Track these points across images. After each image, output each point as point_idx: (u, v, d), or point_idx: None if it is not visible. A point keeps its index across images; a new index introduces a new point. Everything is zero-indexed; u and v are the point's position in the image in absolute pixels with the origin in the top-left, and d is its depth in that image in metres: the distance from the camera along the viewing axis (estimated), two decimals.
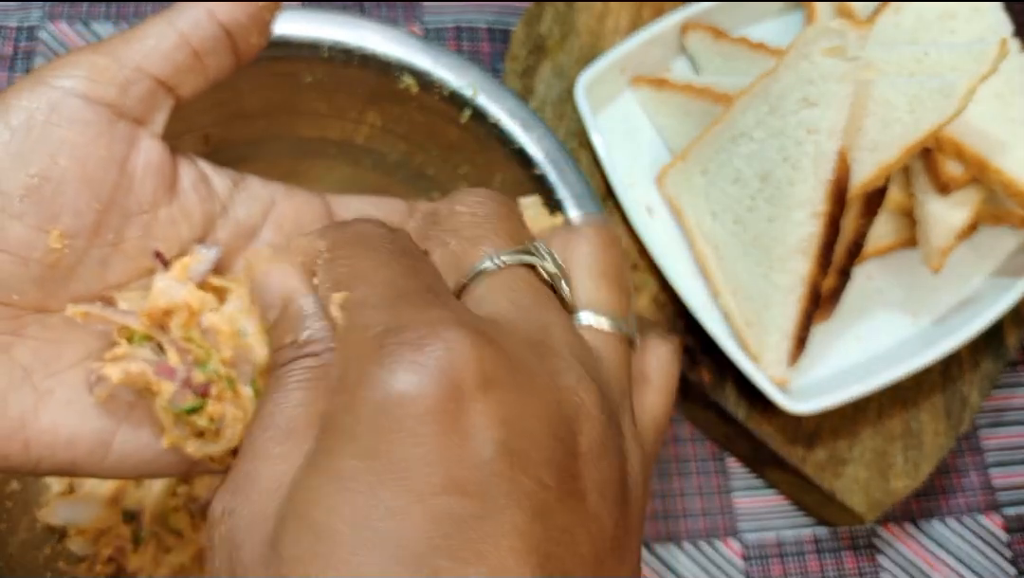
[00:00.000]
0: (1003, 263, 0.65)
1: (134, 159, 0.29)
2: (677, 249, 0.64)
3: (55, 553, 0.51)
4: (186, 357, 0.29)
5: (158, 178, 0.30)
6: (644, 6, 0.73)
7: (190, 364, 0.29)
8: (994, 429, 0.69)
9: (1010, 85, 0.60)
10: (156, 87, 0.30)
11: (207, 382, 0.29)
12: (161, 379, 0.29)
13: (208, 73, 0.31)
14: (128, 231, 0.29)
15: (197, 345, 0.30)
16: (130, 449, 0.29)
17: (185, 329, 0.30)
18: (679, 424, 0.66)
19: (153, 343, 0.30)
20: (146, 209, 0.30)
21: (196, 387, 0.29)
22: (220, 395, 0.29)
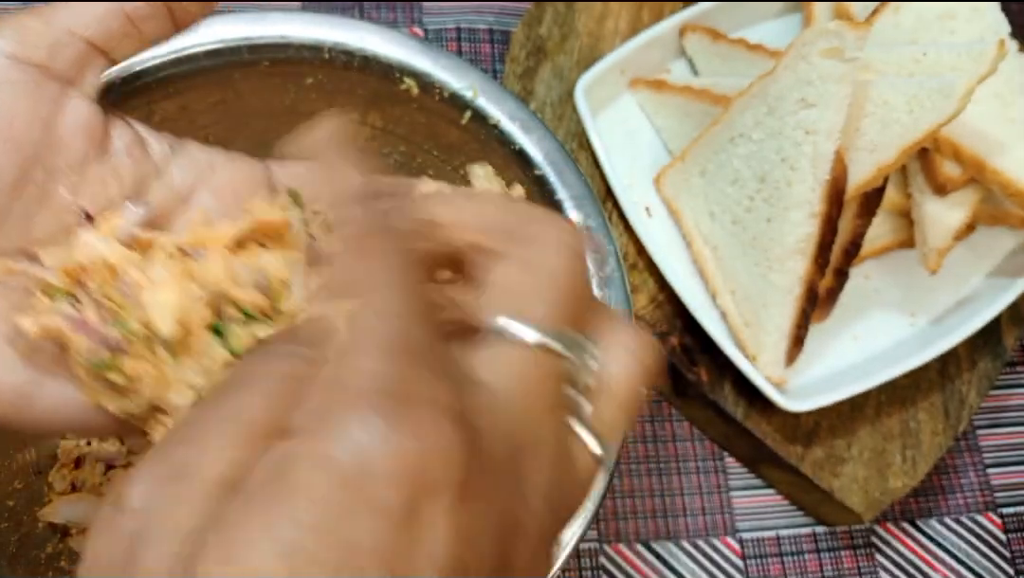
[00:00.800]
0: (1001, 263, 0.66)
1: (61, 118, 0.30)
2: (676, 249, 0.64)
3: (57, 552, 0.51)
4: (103, 314, 0.30)
5: (87, 137, 0.30)
6: (643, 8, 0.73)
7: (106, 320, 0.29)
8: (992, 429, 0.70)
9: (1009, 85, 0.60)
10: (88, 50, 0.30)
11: (123, 339, 0.29)
12: (76, 334, 0.29)
13: (144, 39, 0.32)
14: (55, 188, 0.30)
15: (115, 303, 0.30)
16: (55, 403, 0.30)
17: (104, 286, 0.30)
18: (678, 423, 0.66)
19: (74, 298, 0.30)
20: (74, 167, 0.30)
21: (111, 343, 0.29)
22: (136, 352, 0.29)
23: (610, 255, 0.49)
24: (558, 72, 0.69)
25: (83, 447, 0.54)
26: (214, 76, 0.51)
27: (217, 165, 0.34)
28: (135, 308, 0.30)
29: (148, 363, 0.29)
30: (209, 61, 0.50)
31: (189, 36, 0.50)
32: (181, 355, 0.30)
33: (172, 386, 0.29)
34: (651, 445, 0.65)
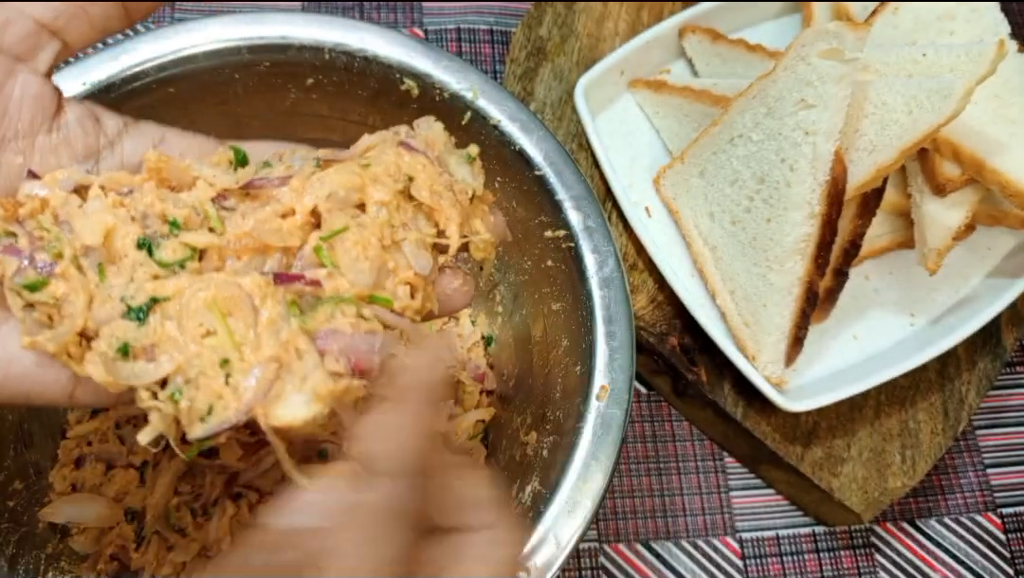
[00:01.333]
0: (1000, 264, 0.66)
1: (9, 89, 0.31)
2: (675, 249, 0.64)
3: (57, 552, 0.51)
4: (35, 242, 0.31)
5: (36, 108, 0.32)
6: (643, 9, 0.74)
7: (37, 247, 0.30)
8: (992, 429, 0.70)
9: (1008, 86, 0.60)
10: (38, 28, 0.32)
11: (52, 261, 0.30)
12: (7, 256, 0.30)
13: (94, 23, 0.33)
14: (4, 155, 0.32)
15: (48, 231, 0.31)
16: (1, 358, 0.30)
17: (40, 220, 0.31)
18: (678, 423, 0.66)
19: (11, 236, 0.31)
20: (23, 135, 0.32)
21: (40, 266, 0.30)
22: (65, 273, 0.30)
23: (610, 255, 0.49)
24: (558, 73, 0.69)
25: (84, 447, 0.54)
26: (214, 77, 0.51)
27: (169, 138, 0.36)
28: (66, 235, 0.31)
29: (77, 284, 0.30)
30: (209, 62, 0.51)
31: (189, 37, 0.51)
32: (110, 273, 0.31)
33: (99, 301, 0.30)
34: (651, 445, 0.65)
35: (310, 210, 0.31)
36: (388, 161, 0.33)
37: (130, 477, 0.54)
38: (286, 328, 0.29)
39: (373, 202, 0.32)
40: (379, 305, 0.31)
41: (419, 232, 0.32)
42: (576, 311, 0.50)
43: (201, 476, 0.55)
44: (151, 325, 0.30)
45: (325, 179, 0.32)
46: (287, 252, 0.31)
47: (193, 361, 0.29)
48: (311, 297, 0.30)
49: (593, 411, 0.45)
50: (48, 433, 0.54)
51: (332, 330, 0.29)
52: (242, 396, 0.28)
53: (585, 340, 0.48)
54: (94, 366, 0.29)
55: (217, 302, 0.29)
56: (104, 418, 0.55)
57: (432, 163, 0.33)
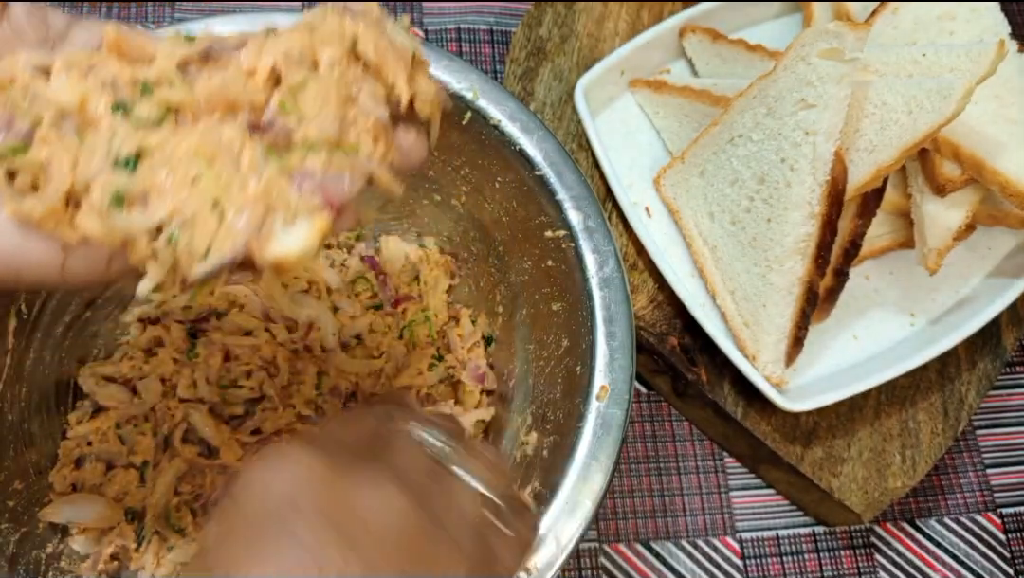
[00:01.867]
0: (1000, 264, 0.66)
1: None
2: (675, 249, 0.64)
3: (57, 552, 0.51)
4: (9, 112, 0.30)
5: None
6: (643, 9, 0.74)
7: (12, 113, 0.30)
8: (992, 429, 0.70)
9: (1008, 86, 0.60)
10: None
11: (30, 128, 0.30)
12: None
13: None
14: None
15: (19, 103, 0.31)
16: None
17: (6, 91, 0.31)
18: (678, 423, 0.66)
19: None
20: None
21: (18, 132, 0.30)
22: (45, 139, 0.30)
23: (610, 255, 0.49)
24: (558, 73, 0.69)
25: (84, 447, 0.54)
26: None
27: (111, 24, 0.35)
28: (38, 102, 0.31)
29: (58, 146, 0.30)
30: None
31: None
32: (88, 135, 0.31)
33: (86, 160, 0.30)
34: (651, 445, 0.65)
35: (270, 68, 0.32)
36: (332, 22, 0.34)
37: (130, 477, 0.54)
38: (266, 170, 0.31)
39: (324, 60, 0.33)
40: (348, 152, 0.33)
41: (371, 87, 0.34)
42: (576, 311, 0.50)
43: (201, 476, 0.55)
44: (141, 174, 0.30)
45: (279, 40, 0.33)
46: (254, 109, 0.32)
47: (186, 204, 0.30)
48: (282, 146, 0.32)
49: (593, 411, 0.45)
50: (48, 433, 0.54)
51: (305, 171, 0.31)
52: (236, 233, 0.29)
53: (585, 340, 0.48)
54: (88, 219, 0.30)
55: (200, 150, 0.30)
56: (104, 418, 0.55)
57: (373, 25, 0.35)
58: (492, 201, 0.56)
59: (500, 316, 0.60)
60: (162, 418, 0.55)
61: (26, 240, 0.30)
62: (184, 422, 0.55)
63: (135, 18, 0.74)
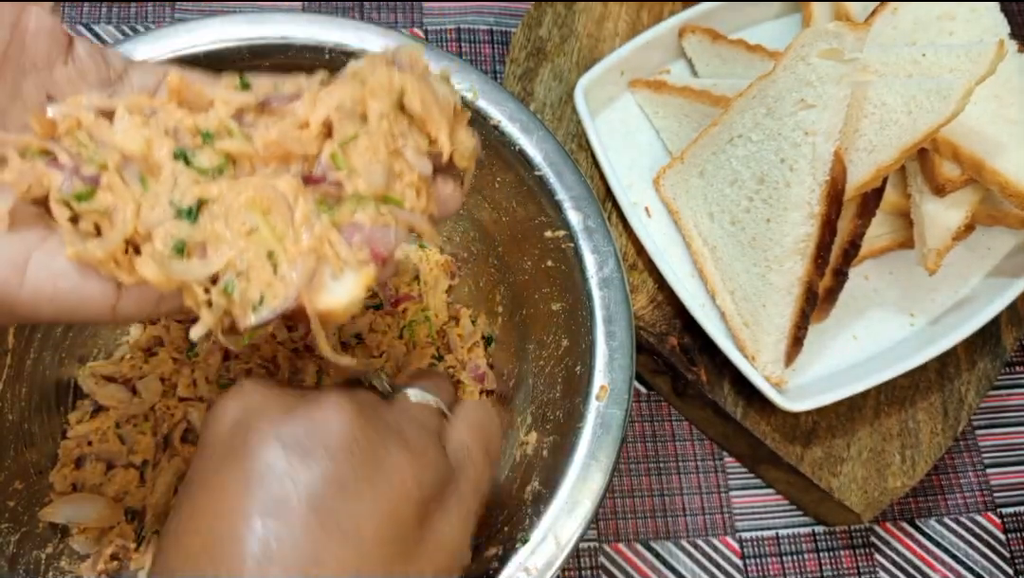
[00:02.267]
0: (1000, 263, 0.66)
1: (25, 21, 0.32)
2: (675, 249, 0.64)
3: (57, 552, 0.51)
4: (76, 158, 0.32)
5: (51, 40, 0.33)
6: (643, 9, 0.74)
7: (79, 160, 0.32)
8: (991, 429, 0.70)
9: (1008, 86, 0.60)
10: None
11: (97, 173, 0.31)
12: (51, 170, 0.31)
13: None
14: (25, 85, 0.32)
15: (85, 147, 0.32)
16: (44, 276, 0.31)
17: (73, 135, 0.32)
18: (678, 423, 0.67)
19: (47, 157, 0.32)
20: (41, 67, 0.33)
21: (85, 177, 0.31)
22: (110, 184, 0.31)
23: (609, 255, 0.50)
24: (558, 73, 0.69)
25: (84, 447, 0.54)
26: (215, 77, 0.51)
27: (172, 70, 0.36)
28: (104, 148, 0.32)
29: (124, 192, 0.31)
30: (209, 62, 0.51)
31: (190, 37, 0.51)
32: (152, 184, 0.32)
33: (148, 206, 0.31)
34: (650, 445, 0.66)
35: (323, 121, 0.34)
36: (381, 77, 0.35)
37: (130, 477, 0.54)
38: (318, 223, 0.32)
39: (373, 113, 0.34)
40: (392, 205, 0.34)
41: (416, 140, 0.35)
42: (576, 311, 0.50)
43: None
44: (201, 224, 0.31)
45: (333, 92, 0.34)
46: (307, 160, 0.34)
47: (243, 255, 0.31)
48: (333, 198, 0.33)
49: (593, 411, 0.45)
50: (48, 433, 0.54)
51: (354, 224, 0.32)
52: (289, 284, 0.31)
53: (585, 340, 0.48)
54: (147, 267, 0.31)
55: (257, 201, 0.32)
56: (104, 418, 0.55)
57: (419, 79, 0.36)
58: (492, 201, 0.56)
59: (500, 316, 0.60)
60: (162, 417, 0.55)
61: (84, 280, 0.31)
62: (184, 421, 0.55)
63: (135, 18, 0.74)
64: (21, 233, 0.31)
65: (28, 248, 0.31)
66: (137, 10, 0.74)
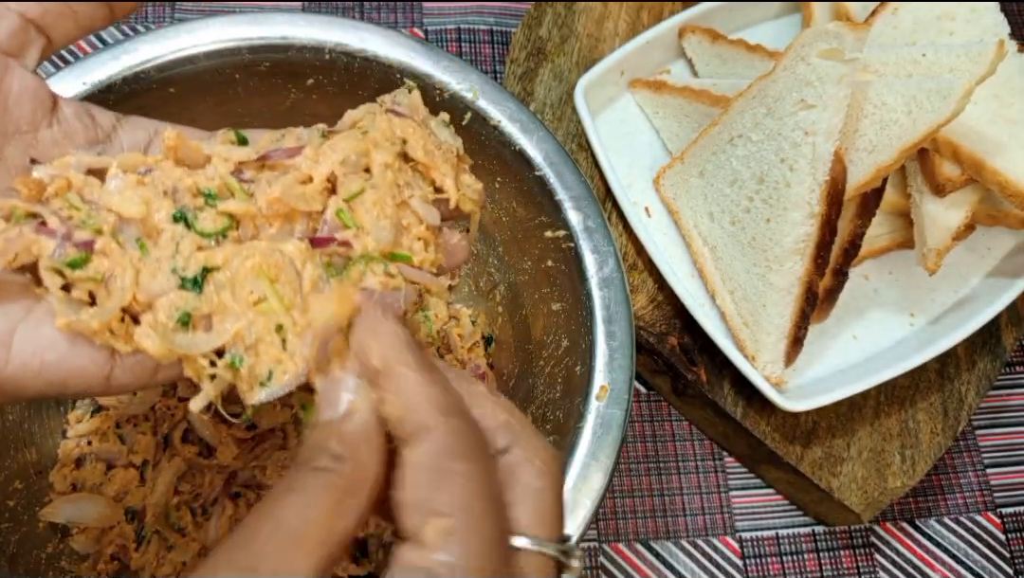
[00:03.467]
0: (1000, 264, 0.66)
1: (8, 84, 0.31)
2: (675, 249, 0.64)
3: (58, 551, 0.51)
4: (67, 222, 0.30)
5: (35, 102, 0.32)
6: (643, 9, 0.74)
7: (70, 225, 0.30)
8: (991, 429, 0.70)
9: (1008, 86, 0.60)
10: (25, 25, 0.31)
11: (91, 238, 0.30)
12: (41, 236, 0.29)
13: (80, 21, 0.33)
14: (9, 149, 0.31)
15: (78, 209, 0.30)
16: (31, 349, 0.29)
17: (64, 196, 0.30)
18: (678, 423, 0.67)
19: (35, 221, 0.30)
20: (25, 129, 0.31)
21: (79, 243, 0.30)
22: (106, 250, 0.30)
23: (609, 255, 0.50)
24: (558, 73, 0.69)
25: (84, 447, 0.55)
26: (215, 77, 0.51)
27: (163, 130, 0.35)
28: (98, 211, 0.30)
29: (121, 258, 0.30)
30: (209, 62, 0.51)
31: (190, 37, 0.51)
32: (151, 248, 0.30)
33: (149, 274, 0.30)
34: (650, 444, 0.66)
35: (327, 176, 0.32)
36: (383, 127, 0.34)
37: (130, 477, 0.54)
38: (327, 289, 0.31)
39: (377, 165, 0.33)
40: (401, 262, 0.33)
41: (421, 189, 0.34)
42: (576, 311, 0.50)
43: (200, 476, 0.55)
44: (207, 294, 0.30)
45: (336, 146, 0.33)
46: (311, 217, 0.32)
47: (250, 328, 0.29)
48: (341, 257, 0.32)
49: (593, 411, 0.45)
50: (48, 433, 0.54)
51: (365, 289, 0.31)
52: (299, 360, 0.29)
53: (585, 340, 0.48)
54: (148, 339, 0.29)
55: (264, 269, 0.30)
56: (104, 418, 0.55)
57: (420, 125, 0.35)
58: (492, 201, 0.56)
59: (500, 316, 0.60)
60: (162, 417, 0.55)
61: (74, 351, 0.30)
62: (184, 421, 0.55)
63: (135, 18, 0.74)
64: (4, 307, 0.29)
65: (12, 322, 0.29)
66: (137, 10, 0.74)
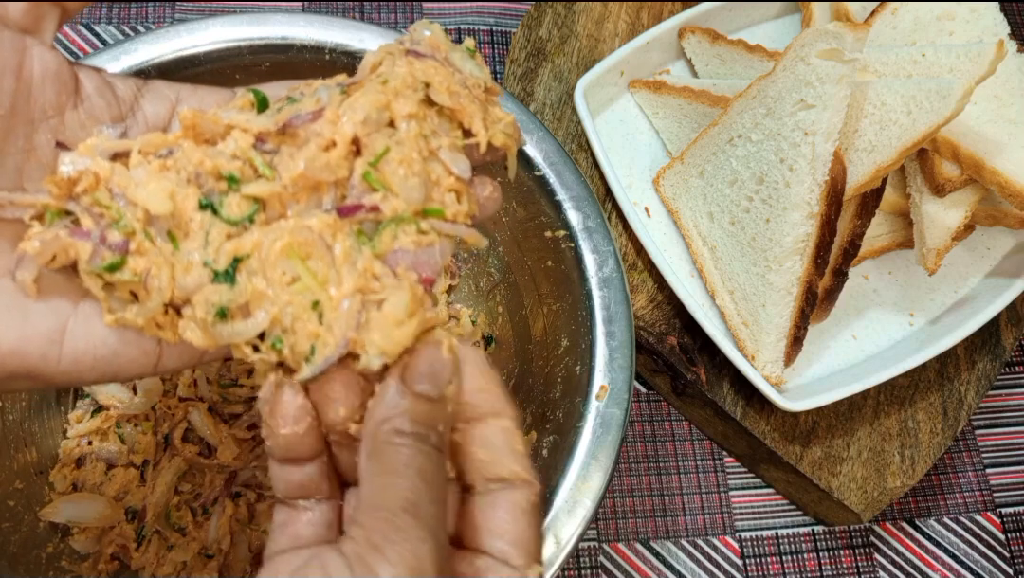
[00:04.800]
0: (999, 264, 0.66)
1: (29, 66, 0.29)
2: (674, 249, 0.64)
3: (58, 551, 0.51)
4: (99, 220, 0.30)
5: (58, 83, 0.30)
6: (643, 9, 0.74)
7: (104, 225, 0.30)
8: (991, 429, 0.70)
9: (1007, 86, 0.60)
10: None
11: (124, 239, 0.29)
12: (78, 240, 0.29)
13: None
14: (37, 137, 0.30)
15: (108, 207, 0.30)
16: (83, 345, 0.30)
17: (93, 194, 0.30)
18: (677, 423, 0.67)
19: (67, 220, 0.30)
20: (51, 114, 0.30)
21: (113, 245, 0.29)
22: (139, 248, 0.30)
23: (609, 255, 0.50)
24: (558, 74, 0.69)
25: (84, 447, 0.55)
26: (215, 77, 0.51)
27: (183, 96, 0.34)
28: (127, 208, 0.30)
29: (156, 256, 0.30)
30: (210, 62, 0.51)
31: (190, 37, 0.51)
32: (182, 240, 0.30)
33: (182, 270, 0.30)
34: (650, 444, 0.66)
35: (351, 139, 0.31)
36: (403, 73, 0.33)
37: (130, 476, 0.54)
38: (360, 258, 0.30)
39: (401, 117, 0.32)
40: (433, 217, 0.32)
41: (449, 137, 0.33)
42: (576, 311, 0.50)
43: (201, 475, 0.55)
44: (241, 284, 0.30)
45: (356, 105, 0.32)
46: (338, 184, 0.31)
47: (287, 310, 0.29)
48: (371, 222, 0.31)
49: (593, 411, 0.45)
50: (48, 433, 0.54)
51: (398, 250, 0.30)
52: (338, 332, 0.29)
53: (585, 340, 0.48)
54: (192, 332, 0.30)
55: (294, 248, 0.30)
56: (104, 418, 0.55)
57: (443, 64, 0.33)
58: None
59: (500, 316, 0.60)
60: (162, 417, 0.55)
61: (124, 344, 0.30)
62: (184, 421, 0.55)
63: (135, 18, 0.74)
64: (52, 303, 0.30)
65: (62, 319, 0.30)
66: (137, 10, 0.74)
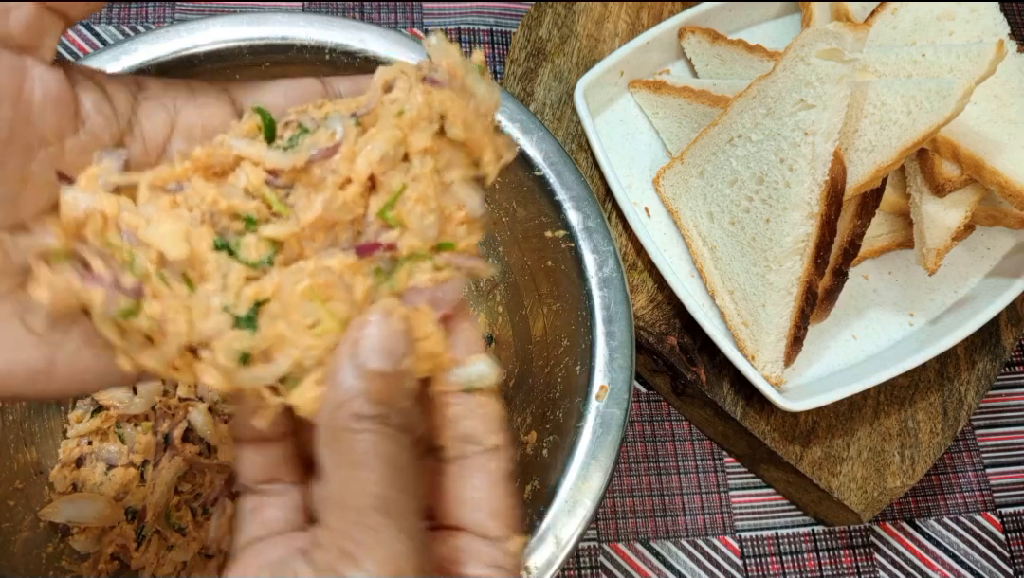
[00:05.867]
0: (999, 264, 0.66)
1: (29, 90, 0.27)
2: (674, 249, 0.64)
3: (58, 551, 0.51)
4: (111, 262, 0.29)
5: (59, 108, 0.28)
6: (643, 9, 0.74)
7: (116, 268, 0.28)
8: (991, 429, 0.70)
9: (1007, 86, 0.60)
10: (40, 11, 0.27)
11: (138, 283, 0.28)
12: (90, 287, 0.28)
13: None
14: (34, 166, 0.28)
15: (119, 249, 0.29)
16: (74, 371, 0.29)
17: (102, 235, 0.29)
18: (677, 423, 0.67)
19: (75, 260, 0.29)
20: (50, 141, 0.28)
21: (128, 290, 0.28)
22: (155, 291, 0.28)
23: (609, 255, 0.50)
24: (558, 74, 0.69)
25: (84, 447, 0.55)
26: (215, 78, 0.51)
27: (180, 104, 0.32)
28: (139, 249, 0.29)
29: (172, 301, 0.28)
30: (210, 62, 0.51)
31: (190, 37, 0.51)
32: (198, 283, 0.29)
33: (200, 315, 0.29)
34: (650, 444, 0.66)
35: (367, 177, 0.31)
36: (419, 104, 0.32)
37: (130, 476, 0.54)
38: (379, 298, 0.30)
39: (416, 152, 0.31)
40: (445, 251, 0.32)
41: (461, 168, 0.33)
42: (576, 311, 0.50)
43: (201, 475, 0.55)
44: (262, 330, 0.29)
45: (373, 140, 0.31)
46: (354, 221, 0.31)
47: (308, 354, 0.29)
48: (388, 260, 0.31)
49: (593, 411, 0.45)
50: (48, 433, 0.54)
51: (414, 288, 0.30)
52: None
53: (585, 340, 0.48)
54: (211, 377, 0.29)
55: (315, 291, 0.29)
56: (104, 417, 0.55)
57: (459, 95, 0.33)
58: (492, 201, 0.56)
59: (500, 316, 0.60)
60: (162, 417, 0.56)
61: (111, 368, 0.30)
62: (184, 421, 0.55)
63: (135, 18, 0.74)
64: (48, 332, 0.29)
65: (54, 349, 0.29)
66: (137, 10, 0.74)
